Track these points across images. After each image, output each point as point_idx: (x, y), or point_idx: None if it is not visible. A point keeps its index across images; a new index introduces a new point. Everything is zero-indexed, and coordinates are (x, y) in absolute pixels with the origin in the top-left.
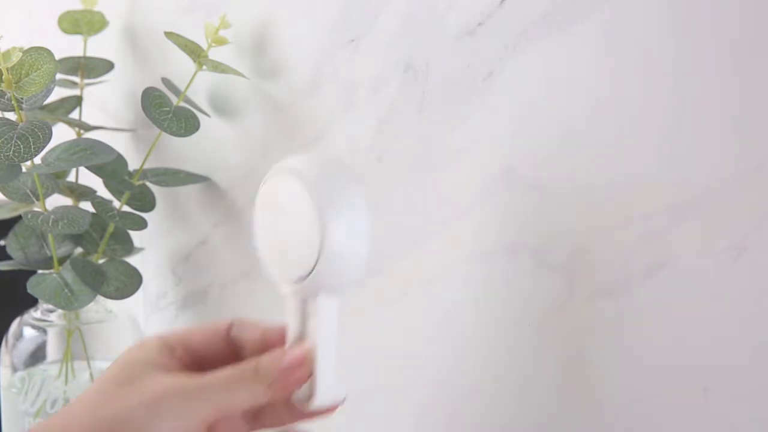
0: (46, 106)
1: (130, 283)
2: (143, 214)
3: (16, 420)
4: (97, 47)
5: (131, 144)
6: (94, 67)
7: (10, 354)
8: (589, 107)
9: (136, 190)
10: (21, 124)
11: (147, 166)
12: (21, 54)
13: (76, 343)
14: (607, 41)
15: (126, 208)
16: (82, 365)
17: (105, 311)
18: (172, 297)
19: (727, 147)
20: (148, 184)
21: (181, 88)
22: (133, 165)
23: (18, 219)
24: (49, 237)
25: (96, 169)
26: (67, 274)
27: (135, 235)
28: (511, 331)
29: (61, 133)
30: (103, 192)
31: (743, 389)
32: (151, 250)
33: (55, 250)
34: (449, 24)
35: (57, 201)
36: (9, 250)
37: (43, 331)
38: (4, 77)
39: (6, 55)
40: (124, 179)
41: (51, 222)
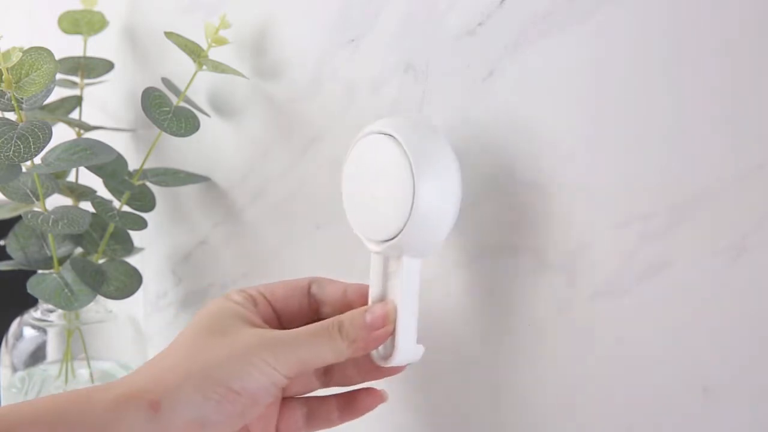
0: (46, 106)
1: (130, 283)
2: (143, 214)
3: None
4: (97, 47)
5: (131, 144)
6: (94, 67)
7: (10, 354)
8: (589, 107)
9: (136, 190)
10: (21, 124)
11: (147, 166)
12: (21, 54)
13: (76, 343)
14: (607, 41)
15: (126, 208)
16: (82, 365)
17: (105, 311)
18: (172, 297)
19: (727, 147)
20: (148, 184)
21: (181, 88)
22: (133, 165)
23: (18, 219)
24: (49, 237)
25: (96, 169)
26: (67, 274)
27: (135, 235)
28: (511, 331)
29: (61, 133)
30: (103, 192)
31: (743, 389)
32: (151, 250)
33: (55, 250)
34: (449, 24)
35: (57, 201)
36: (9, 250)
37: (43, 331)
38: (4, 77)
39: (6, 55)
40: (124, 179)
41: (51, 222)
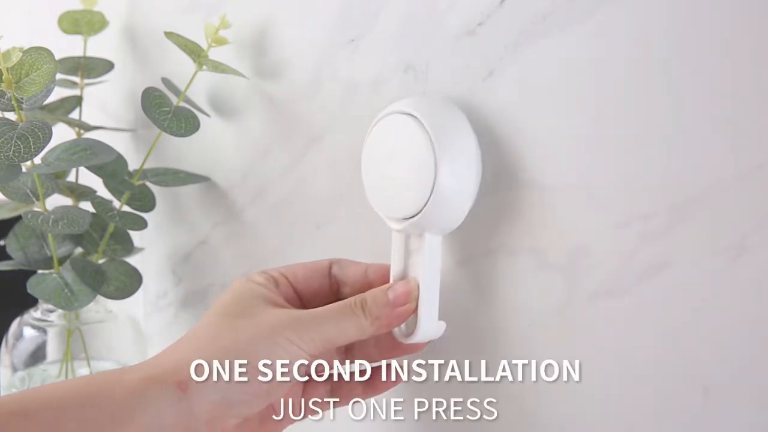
0: (46, 106)
1: (130, 283)
2: (143, 214)
3: None
4: (97, 47)
5: (131, 144)
6: (94, 67)
7: (10, 354)
8: (589, 107)
9: (136, 190)
10: (21, 124)
11: (147, 166)
12: (21, 54)
13: (76, 343)
14: (607, 41)
15: (126, 208)
16: (82, 365)
17: (105, 311)
18: (172, 297)
19: (727, 147)
20: (148, 184)
21: (181, 88)
22: (133, 165)
23: (18, 219)
24: (49, 237)
25: (96, 169)
26: (67, 274)
27: (135, 235)
28: (511, 331)
29: (61, 133)
30: (103, 192)
31: (743, 389)
32: (151, 250)
33: (55, 250)
34: (449, 24)
35: (57, 201)
36: (9, 250)
37: (43, 331)
38: (4, 77)
39: (6, 55)
40: (124, 179)
41: (51, 222)
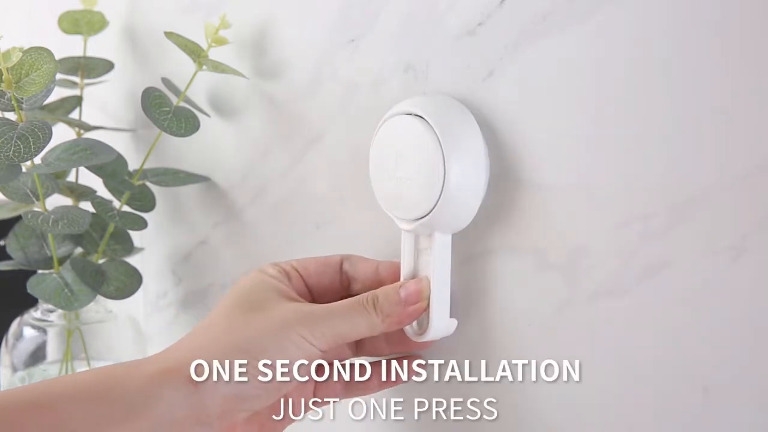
0: (46, 106)
1: (130, 283)
2: (143, 214)
3: None
4: (97, 47)
5: (131, 144)
6: (94, 67)
7: (10, 354)
8: (590, 107)
9: (136, 190)
10: (21, 124)
11: (147, 166)
12: (21, 54)
13: (76, 343)
14: (607, 41)
15: (126, 208)
16: (82, 365)
17: (105, 311)
18: (172, 297)
19: (727, 147)
20: (148, 184)
21: (181, 88)
22: (133, 165)
23: (18, 219)
24: (49, 237)
25: (96, 169)
26: (67, 274)
27: (135, 235)
28: (511, 331)
29: (61, 133)
30: (103, 192)
31: (743, 389)
32: (151, 250)
33: (55, 250)
34: (449, 24)
35: (57, 201)
36: (9, 250)
37: (43, 331)
38: (4, 77)
39: (6, 55)
40: (124, 179)
41: (51, 222)
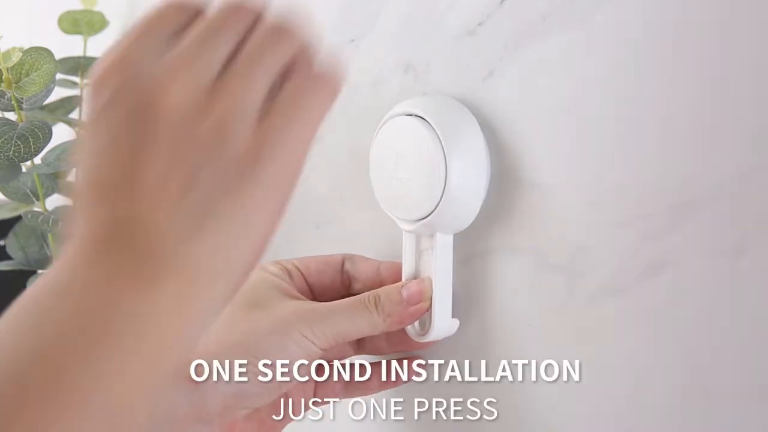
0: (46, 106)
1: None
2: None
3: None
4: (97, 47)
5: None
6: None
7: None
8: (590, 107)
9: None
10: (21, 124)
11: None
12: (21, 54)
13: None
14: (607, 41)
15: None
16: None
17: None
18: None
19: (727, 147)
20: None
21: None
22: None
23: (18, 219)
24: (49, 237)
25: None
26: None
27: None
28: (511, 331)
29: (61, 133)
30: None
31: (743, 389)
32: None
33: (55, 250)
34: (449, 24)
35: (57, 201)
36: (9, 250)
37: None
38: (4, 77)
39: (6, 55)
40: None
41: (51, 222)
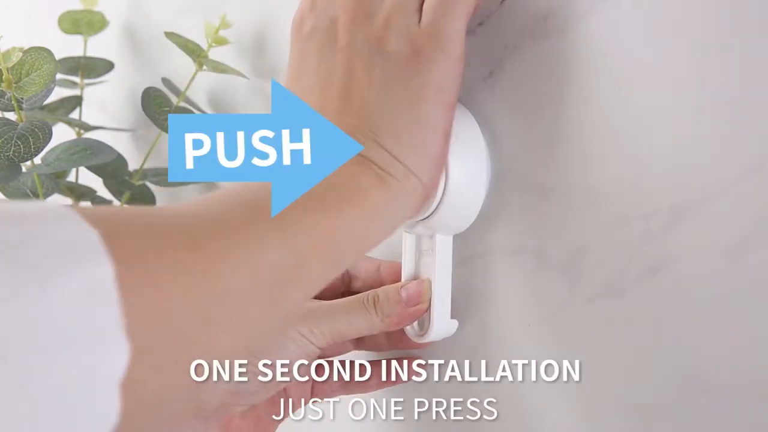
0: (46, 106)
1: None
2: None
3: None
4: (97, 47)
5: (131, 144)
6: (94, 67)
7: None
8: (589, 107)
9: (136, 190)
10: (21, 124)
11: (147, 166)
12: (21, 54)
13: None
14: (606, 41)
15: None
16: None
17: None
18: None
19: (727, 147)
20: (148, 184)
21: (181, 88)
22: (133, 165)
23: None
24: None
25: (96, 169)
26: None
27: None
28: (511, 331)
29: (61, 133)
30: (103, 192)
31: (743, 389)
32: None
33: None
34: None
35: (57, 201)
36: None
37: None
38: (4, 77)
39: (6, 55)
40: (124, 179)
41: None
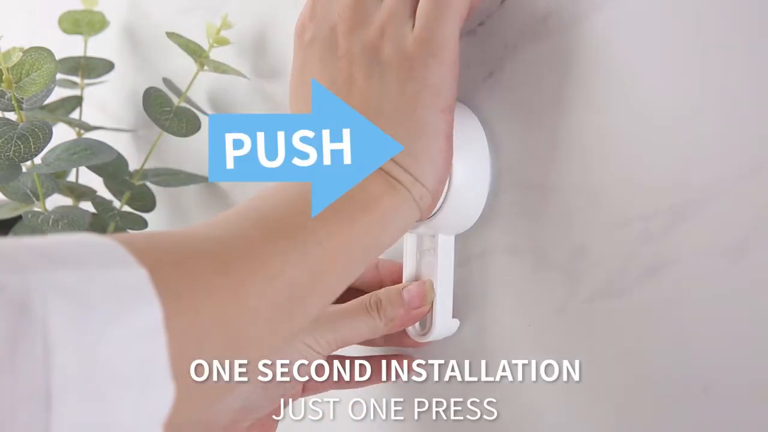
0: (46, 106)
1: None
2: (143, 214)
3: None
4: (98, 47)
5: (131, 144)
6: (95, 67)
7: None
8: (589, 107)
9: (137, 190)
10: (21, 124)
11: (147, 166)
12: (21, 54)
13: None
14: (606, 42)
15: (126, 208)
16: None
17: None
18: None
19: (727, 147)
20: (149, 184)
21: (182, 88)
22: (133, 165)
23: (18, 219)
24: None
25: (96, 169)
26: None
27: None
28: (511, 331)
29: (61, 133)
30: (103, 192)
31: (743, 389)
32: None
33: None
34: None
35: (57, 201)
36: None
37: None
38: (4, 77)
39: (6, 55)
40: (125, 179)
41: (51, 222)
